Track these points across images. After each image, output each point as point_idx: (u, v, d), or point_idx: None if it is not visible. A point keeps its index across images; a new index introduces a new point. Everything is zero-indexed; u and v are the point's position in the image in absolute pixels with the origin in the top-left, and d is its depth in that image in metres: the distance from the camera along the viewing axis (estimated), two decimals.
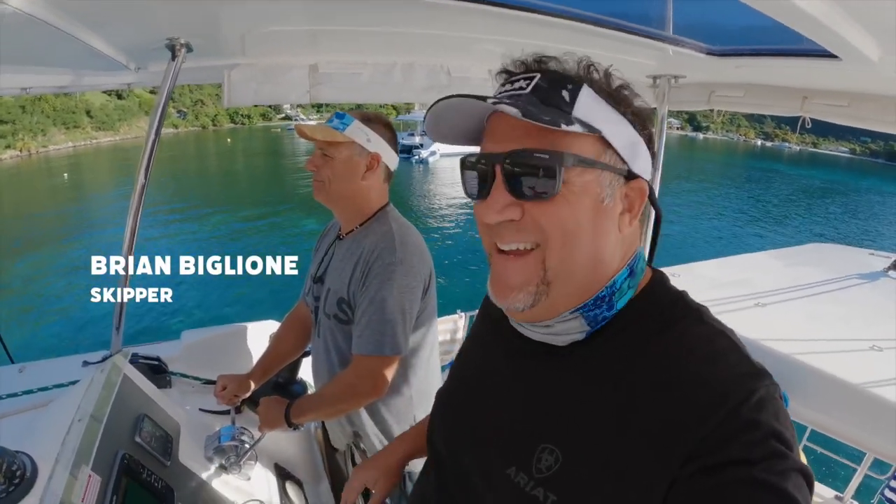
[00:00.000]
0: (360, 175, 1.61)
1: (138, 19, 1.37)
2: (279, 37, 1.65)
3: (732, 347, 0.67)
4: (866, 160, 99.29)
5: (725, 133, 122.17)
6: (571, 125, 0.65)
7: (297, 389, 2.09)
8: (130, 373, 1.65)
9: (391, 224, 1.62)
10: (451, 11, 1.42)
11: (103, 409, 1.41)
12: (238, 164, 46.69)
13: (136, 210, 1.76)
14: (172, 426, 1.63)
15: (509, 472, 0.72)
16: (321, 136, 1.58)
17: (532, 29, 1.53)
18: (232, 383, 1.84)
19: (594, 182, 0.68)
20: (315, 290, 1.76)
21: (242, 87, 1.82)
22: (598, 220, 0.69)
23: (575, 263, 0.69)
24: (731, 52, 1.66)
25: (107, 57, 1.54)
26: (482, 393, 0.85)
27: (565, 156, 0.66)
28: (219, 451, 1.68)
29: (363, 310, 1.53)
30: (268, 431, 1.70)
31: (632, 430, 0.63)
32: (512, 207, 0.68)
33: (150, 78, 1.87)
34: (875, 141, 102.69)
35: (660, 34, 1.63)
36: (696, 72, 1.98)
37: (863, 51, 1.14)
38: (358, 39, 1.75)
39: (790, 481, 0.55)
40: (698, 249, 20.77)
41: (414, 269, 1.56)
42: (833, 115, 1.82)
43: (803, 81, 1.82)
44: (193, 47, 1.55)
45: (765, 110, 2.03)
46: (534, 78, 0.69)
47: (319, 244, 1.89)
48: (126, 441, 1.39)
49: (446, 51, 1.92)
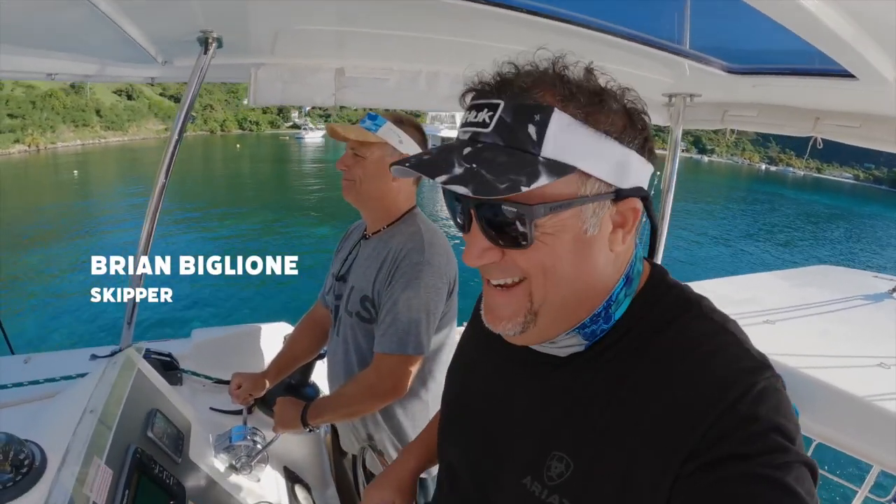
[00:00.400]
0: (390, 176, 1.60)
1: (175, 8, 1.38)
2: (308, 37, 1.67)
3: (733, 341, 0.66)
4: (870, 186, 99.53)
5: (730, 157, 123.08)
6: (535, 180, 0.59)
7: (309, 392, 2.08)
8: (144, 367, 1.64)
9: (419, 225, 1.62)
10: (474, 15, 1.43)
11: (117, 402, 1.39)
12: (247, 169, 46.91)
13: (155, 209, 1.75)
14: (184, 423, 1.61)
15: (525, 481, 0.72)
16: (354, 135, 1.58)
17: (553, 39, 1.54)
18: (247, 382, 1.82)
19: (573, 218, 0.64)
20: (337, 287, 1.75)
21: (269, 86, 1.84)
22: (582, 251, 0.66)
23: (560, 295, 0.68)
24: (751, 70, 1.70)
25: (137, 46, 1.54)
26: (490, 404, 0.85)
27: (535, 209, 0.62)
28: (229, 450, 1.65)
29: (388, 308, 1.52)
30: (282, 433, 1.68)
31: (635, 431, 0.63)
32: (491, 251, 0.67)
33: (175, 73, 1.88)
34: (879, 167, 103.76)
35: (681, 49, 1.67)
36: (712, 90, 2.02)
37: (879, 70, 1.16)
38: (384, 45, 1.78)
39: (791, 474, 0.54)
40: (703, 270, 20.89)
41: (440, 270, 1.56)
42: (845, 136, 1.85)
43: (816, 102, 1.86)
44: (224, 43, 1.56)
45: (777, 130, 2.07)
46: (497, 108, 0.63)
47: (342, 245, 1.88)
48: (138, 436, 1.37)
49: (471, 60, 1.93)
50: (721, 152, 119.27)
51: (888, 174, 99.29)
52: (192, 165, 43.23)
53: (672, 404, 0.61)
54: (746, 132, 2.26)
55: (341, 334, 1.71)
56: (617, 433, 0.65)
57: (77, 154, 49.55)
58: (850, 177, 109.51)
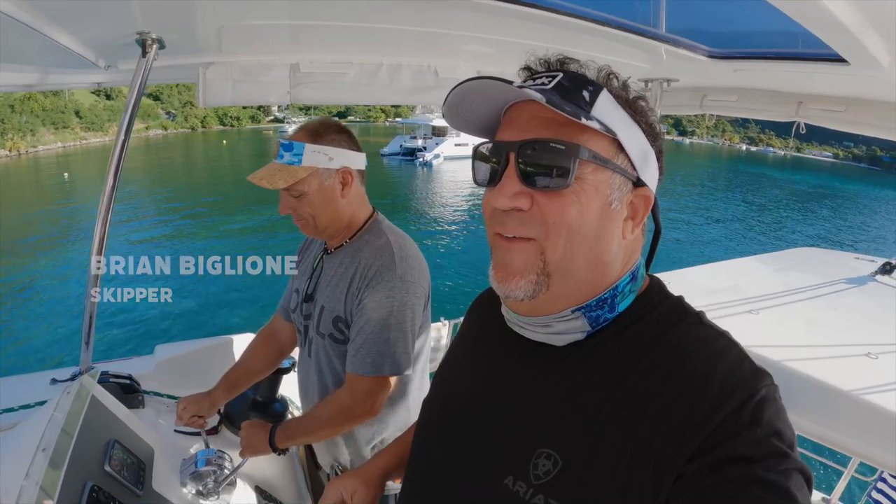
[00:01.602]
0: (338, 197, 1.51)
1: (106, 11, 1.27)
2: (258, 32, 1.56)
3: (733, 348, 0.67)
4: (849, 164, 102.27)
5: (711, 138, 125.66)
6: (590, 121, 0.66)
7: (277, 408, 1.99)
8: (99, 394, 1.55)
9: (388, 236, 1.52)
10: (440, 5, 1.36)
11: (69, 435, 1.31)
12: (236, 165, 46.47)
13: (105, 216, 1.67)
14: (145, 451, 1.52)
15: (507, 481, 0.70)
16: (283, 183, 1.44)
17: (521, 26, 1.48)
18: (191, 404, 1.71)
19: (605, 182, 0.69)
20: (305, 308, 1.65)
21: (218, 86, 1.72)
22: (604, 222, 0.69)
23: (576, 260, 0.69)
24: (733, 55, 1.62)
25: (74, 54, 1.42)
26: (473, 402, 0.83)
27: (581, 149, 0.66)
28: (195, 476, 1.57)
29: (360, 327, 1.44)
30: (250, 458, 1.60)
31: (636, 428, 0.63)
32: (522, 196, 0.68)
33: (121, 76, 1.75)
34: (858, 146, 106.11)
35: (656, 33, 1.59)
36: (691, 75, 1.95)
37: (874, 55, 1.13)
38: (342, 37, 1.66)
39: (792, 480, 0.55)
40: (689, 254, 21.18)
41: (415, 285, 1.48)
42: (828, 121, 1.80)
43: (799, 86, 1.81)
44: (166, 43, 1.45)
45: (758, 115, 2.01)
46: (556, 76, 0.70)
47: (302, 257, 1.78)
48: (94, 470, 1.29)
49: (434, 51, 1.85)
50: (701, 134, 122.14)
51: (867, 152, 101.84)
52: (191, 163, 42.52)
53: (676, 403, 0.62)
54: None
55: (313, 356, 1.62)
56: (615, 430, 0.64)
57: (59, 156, 49.37)
58: (830, 155, 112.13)
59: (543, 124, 0.68)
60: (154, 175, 36.96)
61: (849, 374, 1.72)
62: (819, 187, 57.43)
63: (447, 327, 3.74)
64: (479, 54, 1.92)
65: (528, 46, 0.76)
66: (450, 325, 3.75)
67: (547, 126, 0.68)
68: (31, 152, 49.79)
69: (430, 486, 0.85)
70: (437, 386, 0.97)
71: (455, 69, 1.97)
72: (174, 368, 2.10)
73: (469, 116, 0.76)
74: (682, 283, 2.50)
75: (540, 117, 0.68)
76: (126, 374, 1.87)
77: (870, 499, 3.22)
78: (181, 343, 2.25)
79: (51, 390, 1.77)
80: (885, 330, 2.03)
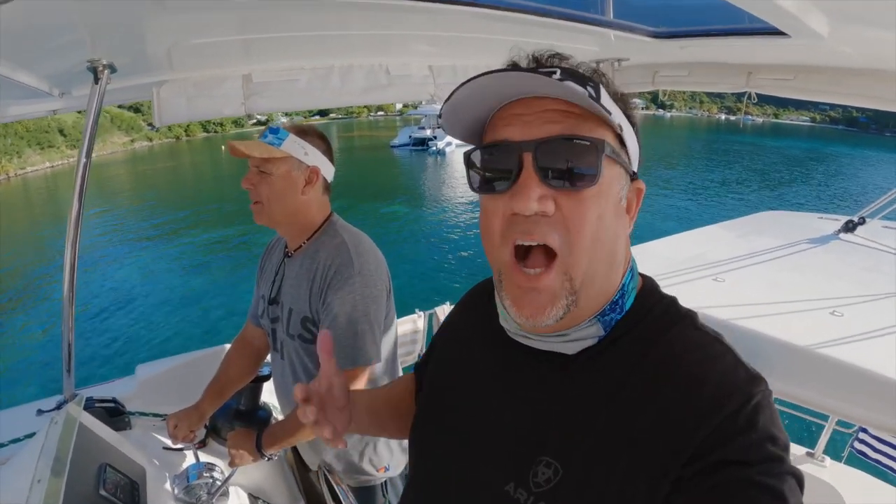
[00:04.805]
0: (299, 190, 1.57)
1: (53, 44, 1.27)
2: (208, 48, 1.56)
3: (728, 352, 0.67)
4: (827, 127, 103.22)
5: (689, 110, 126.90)
6: (610, 115, 0.64)
7: (261, 415, 2.02)
8: (87, 420, 1.56)
9: (342, 235, 1.58)
10: (388, 7, 1.36)
11: (62, 465, 1.32)
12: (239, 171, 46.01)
13: (74, 241, 1.66)
14: (137, 471, 1.54)
15: (508, 488, 0.70)
16: (259, 153, 1.51)
17: (468, 21, 1.49)
18: (182, 421, 1.75)
19: (617, 178, 0.68)
20: (271, 311, 1.70)
21: (173, 103, 1.71)
22: (618, 220, 0.69)
23: (598, 269, 0.67)
24: (676, 33, 1.65)
25: (26, 86, 1.42)
26: (475, 407, 0.82)
27: (605, 143, 0.64)
28: (188, 490, 1.60)
29: (328, 324, 1.49)
30: (240, 466, 1.64)
31: (631, 435, 0.64)
32: (546, 199, 0.63)
33: (76, 102, 1.74)
34: (834, 108, 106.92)
35: (602, 20, 1.61)
36: (640, 54, 1.97)
37: (812, 27, 1.14)
38: (292, 45, 1.67)
39: (786, 484, 0.56)
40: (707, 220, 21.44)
41: (373, 277, 1.54)
42: (779, 89, 1.83)
43: (748, 58, 1.83)
44: (117, 67, 1.45)
45: (710, 88, 2.04)
46: (554, 73, 0.64)
47: (264, 263, 1.83)
48: (90, 496, 1.31)
49: (385, 50, 1.86)
50: (680, 106, 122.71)
51: (843, 114, 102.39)
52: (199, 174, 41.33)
53: (673, 409, 0.62)
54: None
55: (286, 357, 1.67)
56: (614, 436, 0.65)
57: (47, 177, 48.27)
58: (808, 119, 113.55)
59: (558, 118, 0.64)
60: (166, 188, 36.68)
61: (816, 333, 1.76)
62: (809, 151, 57.77)
63: (422, 319, 3.74)
64: (430, 51, 1.93)
65: (480, 40, 0.73)
66: (425, 315, 3.74)
67: (564, 120, 0.64)
68: (19, 174, 48.65)
69: (431, 491, 0.85)
70: (430, 388, 0.95)
71: (407, 66, 1.98)
72: (156, 386, 2.11)
73: (465, 119, 0.72)
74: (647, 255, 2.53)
75: (553, 110, 0.64)
76: (110, 398, 1.88)
77: (852, 449, 3.32)
78: (161, 360, 2.26)
79: (38, 421, 1.77)
80: (848, 287, 2.08)
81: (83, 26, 1.18)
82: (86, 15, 1.10)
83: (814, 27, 1.13)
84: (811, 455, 3.13)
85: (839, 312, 1.87)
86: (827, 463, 3.08)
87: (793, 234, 2.76)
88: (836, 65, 1.66)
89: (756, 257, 2.44)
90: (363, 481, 1.74)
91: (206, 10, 1.24)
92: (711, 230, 3.16)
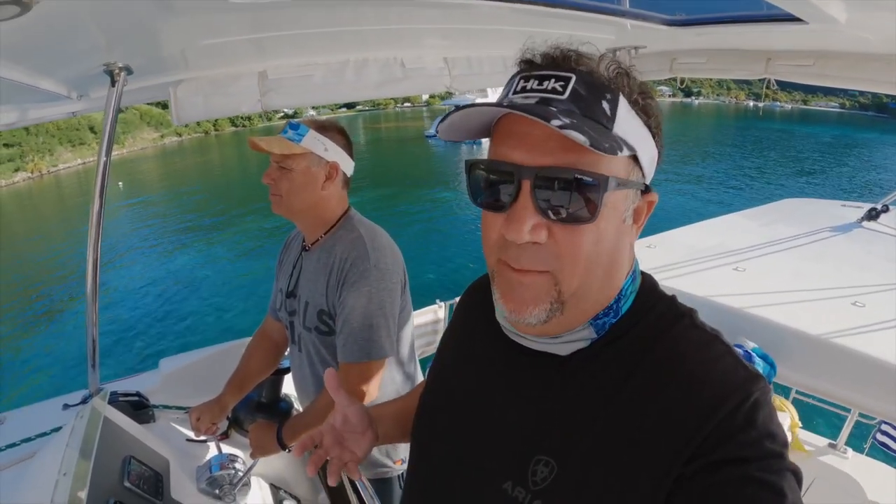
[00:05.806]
0: (319, 185, 1.60)
1: (70, 50, 1.29)
2: (223, 48, 1.57)
3: (727, 351, 0.67)
4: (856, 113, 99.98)
5: (717, 97, 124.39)
6: (621, 150, 0.59)
7: (282, 407, 2.05)
8: (111, 414, 1.60)
9: (359, 230, 1.61)
10: (399, 5, 1.36)
11: (87, 458, 1.35)
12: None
13: (96, 240, 1.69)
14: (161, 463, 1.58)
15: (506, 486, 0.71)
16: (278, 149, 1.54)
17: (483, 13, 1.48)
18: (204, 413, 1.79)
19: (621, 201, 0.65)
20: (289, 304, 1.73)
21: (190, 102, 1.73)
22: (619, 239, 0.67)
23: (592, 286, 0.66)
24: (692, 21, 1.62)
25: (44, 91, 1.45)
26: (473, 406, 0.82)
27: (610, 180, 0.60)
28: (211, 481, 1.64)
29: (345, 318, 1.52)
30: (261, 457, 1.67)
31: (631, 434, 0.63)
32: (539, 229, 0.62)
33: (94, 104, 1.76)
34: (864, 94, 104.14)
35: (618, 9, 1.59)
36: (656, 42, 1.94)
37: (829, 12, 1.13)
38: (306, 42, 1.67)
39: (785, 480, 0.57)
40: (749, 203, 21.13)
41: (389, 271, 1.56)
42: (798, 76, 1.80)
43: (766, 44, 1.79)
44: (133, 69, 1.47)
45: (728, 75, 2.01)
46: (569, 80, 0.61)
47: (283, 258, 1.86)
48: (115, 487, 1.34)
49: (399, 43, 1.86)
50: (707, 93, 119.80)
51: (873, 100, 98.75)
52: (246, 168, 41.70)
53: (672, 408, 0.62)
54: None
55: (303, 350, 1.69)
56: (613, 436, 0.65)
57: (79, 173, 48.56)
58: (837, 105, 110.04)
59: (562, 145, 0.59)
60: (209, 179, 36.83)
61: (837, 325, 1.72)
62: (840, 137, 56.39)
63: (443, 309, 3.76)
64: (444, 44, 1.92)
65: (495, 31, 0.71)
66: (445, 306, 3.76)
67: (566, 148, 0.59)
68: (52, 171, 49.12)
69: (431, 489, 0.86)
70: (434, 384, 0.95)
71: (422, 59, 1.97)
72: (180, 380, 2.15)
73: (461, 130, 0.69)
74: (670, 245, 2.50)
75: (558, 135, 0.57)
76: (134, 392, 1.93)
77: (875, 440, 3.26)
78: (184, 354, 2.30)
79: (64, 416, 1.83)
80: (871, 276, 2.04)
81: (99, 32, 1.20)
82: (101, 21, 1.11)
83: (830, 13, 1.12)
84: (833, 446, 3.09)
85: (861, 303, 1.84)
86: (849, 454, 3.05)
87: (815, 221, 2.70)
88: (856, 50, 1.63)
89: (777, 245, 2.40)
90: (380, 473, 1.76)
91: (218, 11, 1.24)
92: (733, 218, 3.12)
